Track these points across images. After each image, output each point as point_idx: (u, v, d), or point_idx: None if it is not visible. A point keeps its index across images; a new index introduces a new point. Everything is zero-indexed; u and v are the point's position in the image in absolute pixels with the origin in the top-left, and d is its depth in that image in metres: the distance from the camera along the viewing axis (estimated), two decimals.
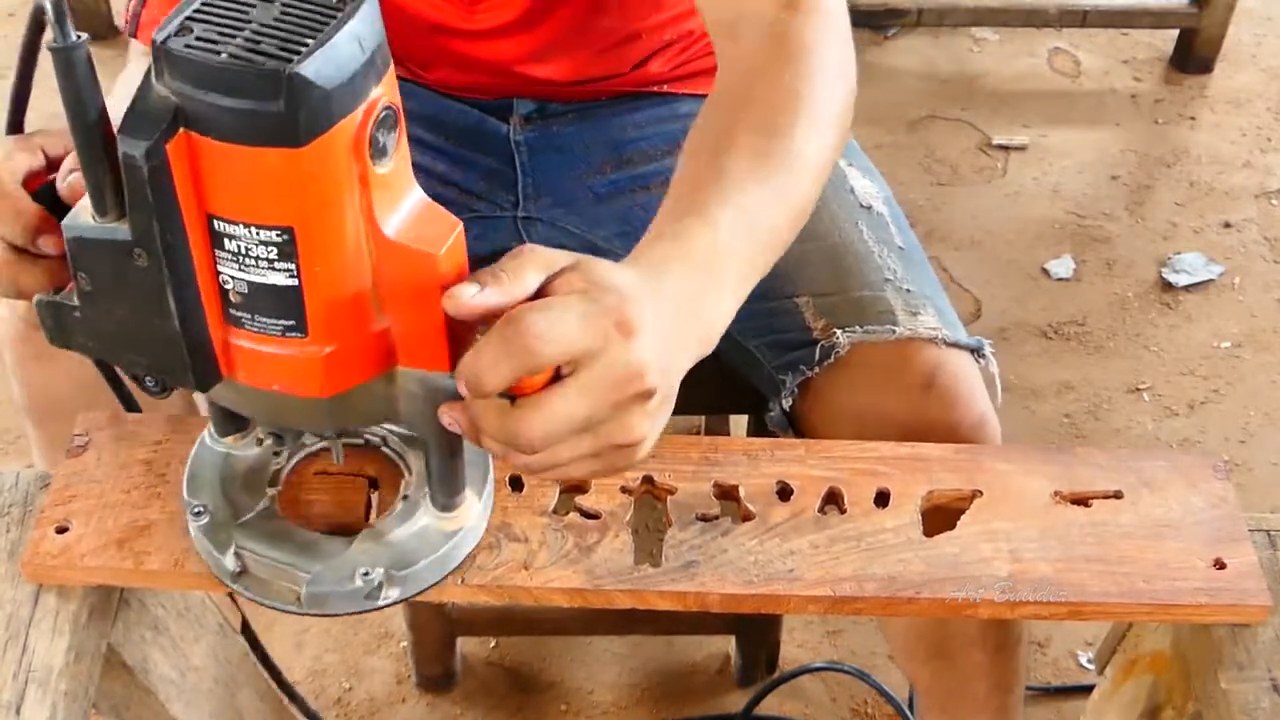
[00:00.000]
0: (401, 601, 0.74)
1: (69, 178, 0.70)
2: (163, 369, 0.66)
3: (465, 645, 1.57)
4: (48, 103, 0.67)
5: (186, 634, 0.93)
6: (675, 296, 0.66)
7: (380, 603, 0.73)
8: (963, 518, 0.81)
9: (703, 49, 1.14)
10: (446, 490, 0.74)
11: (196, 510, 0.75)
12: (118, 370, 0.79)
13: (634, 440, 0.64)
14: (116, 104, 0.60)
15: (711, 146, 0.78)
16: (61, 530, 0.78)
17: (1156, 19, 2.47)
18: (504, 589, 0.77)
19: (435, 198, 1.18)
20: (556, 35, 1.05)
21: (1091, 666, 1.55)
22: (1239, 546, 0.80)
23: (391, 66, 0.60)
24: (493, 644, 1.59)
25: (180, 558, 0.77)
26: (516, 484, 0.81)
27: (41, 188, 0.71)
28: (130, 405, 0.82)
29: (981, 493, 0.82)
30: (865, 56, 0.85)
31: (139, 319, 0.63)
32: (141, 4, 0.97)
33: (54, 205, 0.70)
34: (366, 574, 0.72)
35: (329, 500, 0.79)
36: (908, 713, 1.48)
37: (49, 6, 0.58)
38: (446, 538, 0.75)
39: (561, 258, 0.65)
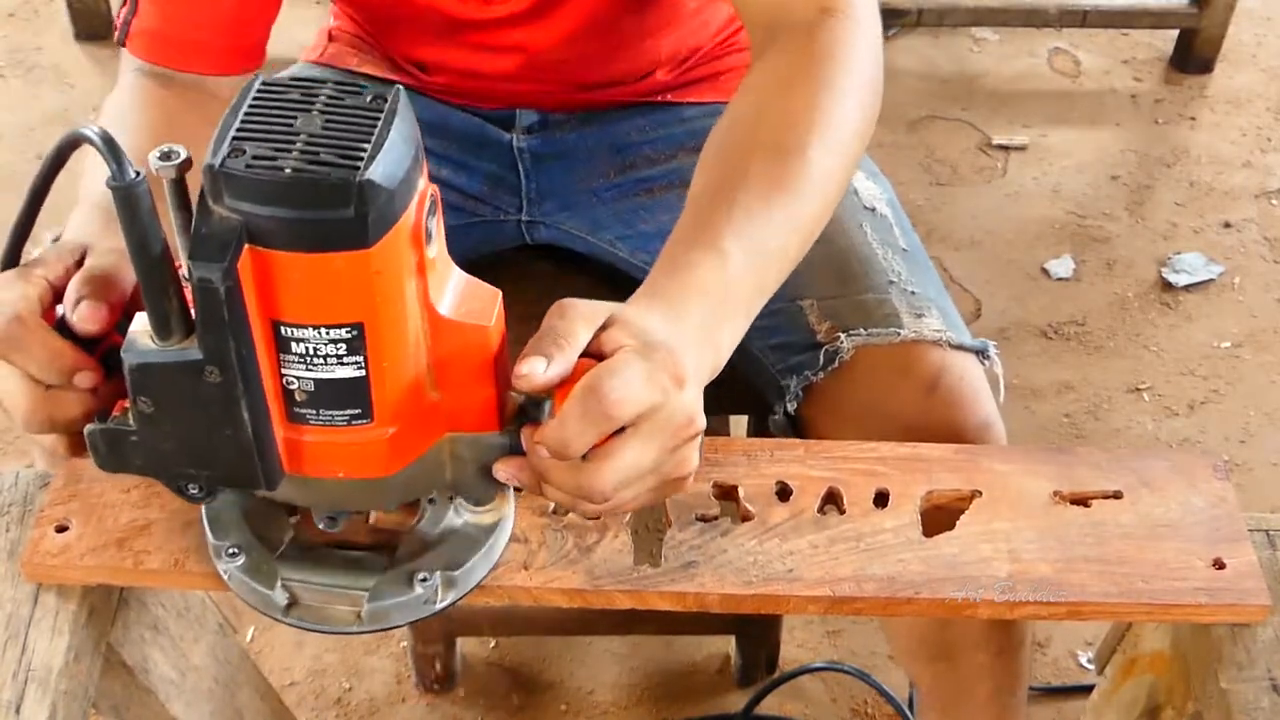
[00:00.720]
0: (459, 600, 0.75)
1: (79, 309, 0.70)
2: (226, 477, 0.67)
3: (465, 645, 1.57)
4: None
5: (186, 634, 0.93)
6: (696, 335, 0.70)
7: (439, 605, 0.74)
8: (962, 518, 0.81)
9: (705, 56, 1.14)
10: (482, 497, 0.76)
11: (231, 552, 0.74)
12: None
13: (687, 472, 0.70)
14: (110, 126, 0.60)
15: (725, 166, 0.80)
16: (61, 529, 0.78)
17: (1156, 19, 2.47)
18: (503, 589, 0.77)
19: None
20: (570, 30, 1.04)
21: (1091, 666, 1.55)
22: (1239, 546, 0.80)
23: (425, 158, 0.62)
24: (493, 644, 1.60)
25: (180, 557, 0.77)
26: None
27: (57, 323, 0.71)
28: None
29: (981, 493, 0.82)
30: None
31: (206, 433, 0.64)
32: (132, 12, 0.97)
33: (71, 337, 0.71)
34: (425, 580, 0.73)
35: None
36: (908, 713, 1.48)
37: (100, 144, 0.59)
38: (488, 531, 0.76)
39: (600, 310, 0.69)
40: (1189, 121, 2.43)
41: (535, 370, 0.65)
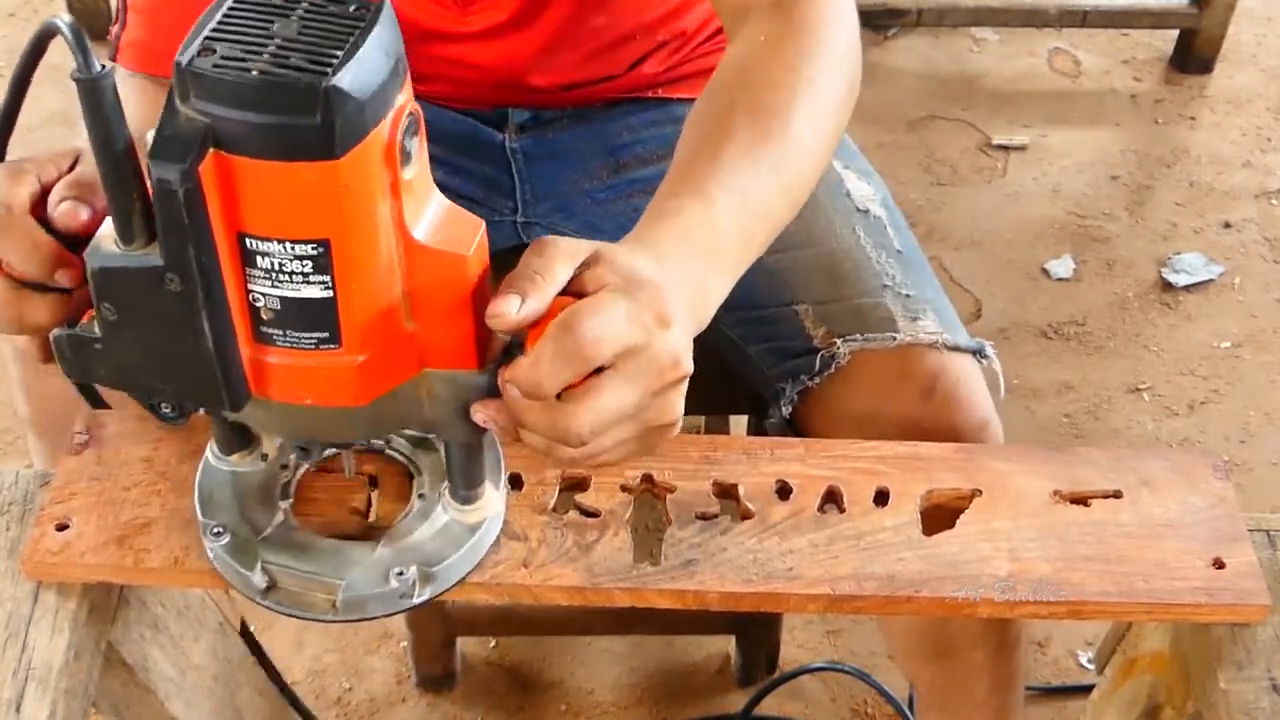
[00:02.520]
0: (436, 598, 0.74)
1: (60, 206, 0.69)
2: (191, 394, 0.66)
3: (465, 645, 1.57)
4: None
5: (186, 632, 0.93)
6: (683, 280, 0.68)
7: (415, 601, 0.74)
8: (962, 517, 0.81)
9: (696, 51, 1.14)
10: (467, 483, 0.75)
11: (216, 530, 0.74)
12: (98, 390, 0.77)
13: (672, 420, 0.67)
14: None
15: (710, 125, 0.79)
16: (61, 528, 0.78)
17: (1156, 19, 2.47)
18: (503, 587, 0.77)
19: None
20: (549, 36, 1.05)
21: (1091, 666, 1.55)
22: (1238, 546, 0.80)
23: (409, 73, 0.60)
24: (493, 644, 1.60)
25: (180, 555, 0.77)
26: (516, 482, 0.81)
27: (43, 219, 0.70)
28: (98, 404, 0.80)
29: (981, 492, 0.82)
30: (865, 56, 0.84)
31: (169, 345, 0.63)
32: (121, 26, 0.97)
33: (57, 237, 0.69)
34: (400, 574, 0.73)
35: (337, 505, 0.79)
36: (908, 713, 1.48)
37: (67, 33, 0.57)
38: (471, 530, 0.76)
39: (583, 247, 0.66)
40: (1189, 121, 2.43)
41: (508, 309, 0.62)
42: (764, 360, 1.03)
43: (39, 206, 0.70)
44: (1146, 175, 2.31)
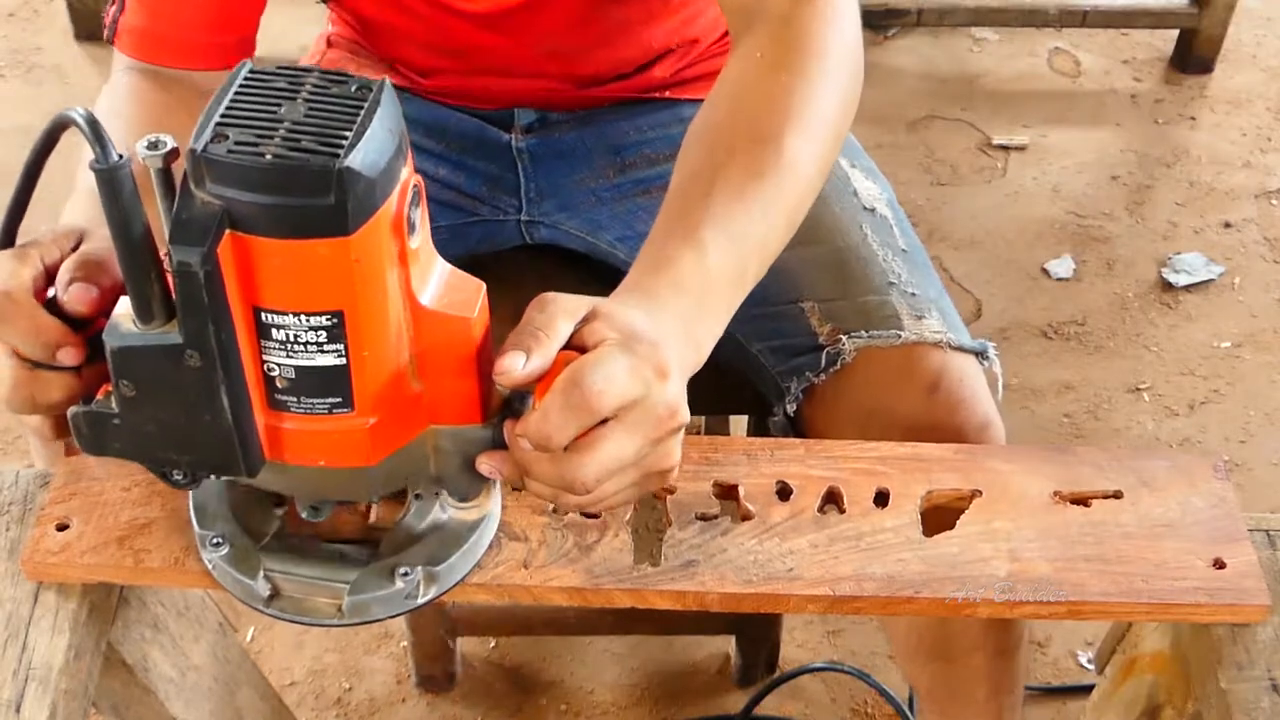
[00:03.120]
0: (440, 596, 0.75)
1: (71, 290, 0.70)
2: (207, 463, 0.67)
3: (465, 645, 1.57)
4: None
5: (186, 633, 0.93)
6: (676, 329, 0.70)
7: (420, 601, 0.74)
8: (962, 517, 0.81)
9: (704, 54, 1.14)
10: (467, 492, 0.76)
11: (215, 541, 0.75)
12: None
13: (670, 466, 0.70)
14: (101, 122, 0.60)
15: (704, 158, 0.80)
16: (62, 528, 0.78)
17: (1156, 19, 2.47)
18: (503, 588, 0.77)
19: (438, 202, 1.19)
20: (560, 25, 1.04)
21: (1091, 666, 1.55)
22: (1238, 546, 0.80)
23: (410, 148, 0.62)
24: (493, 644, 1.60)
25: (180, 555, 0.77)
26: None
27: (47, 303, 0.71)
28: None
29: (981, 492, 0.82)
30: (865, 56, 0.84)
31: (187, 418, 0.64)
32: (120, 10, 0.97)
33: (60, 319, 0.71)
34: (406, 574, 0.73)
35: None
36: (908, 713, 1.48)
37: (84, 126, 0.59)
38: (471, 528, 0.76)
39: (581, 304, 0.69)
40: (1189, 121, 2.43)
41: (514, 365, 0.65)
42: (769, 358, 1.03)
43: (42, 290, 0.72)
44: (1146, 175, 2.31)
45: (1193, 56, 2.50)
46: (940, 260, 2.11)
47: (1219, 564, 0.79)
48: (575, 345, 0.67)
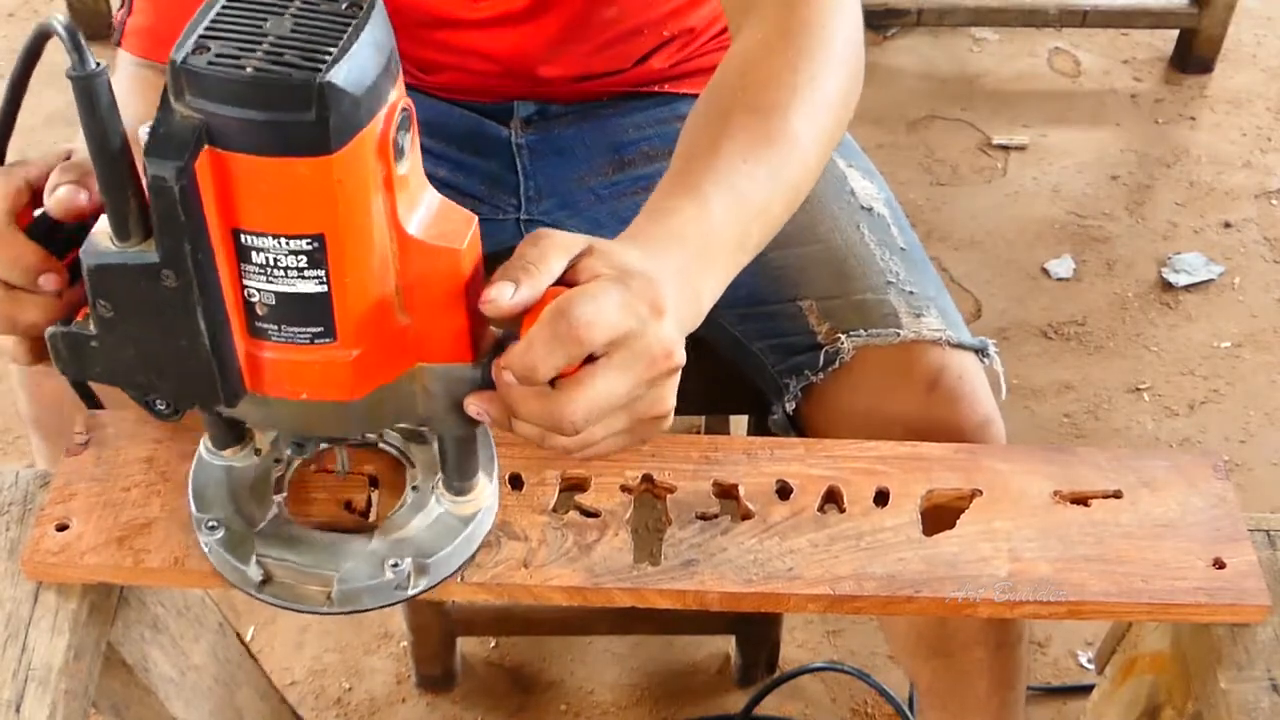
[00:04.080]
0: (431, 589, 0.75)
1: (58, 193, 0.69)
2: (186, 390, 0.66)
3: (465, 645, 1.57)
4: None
5: (186, 632, 0.93)
6: (675, 276, 0.68)
7: (410, 592, 0.74)
8: (962, 517, 0.81)
9: (702, 48, 1.14)
10: (461, 475, 0.75)
11: (211, 525, 0.75)
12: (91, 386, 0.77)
13: (664, 411, 0.67)
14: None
15: (709, 124, 0.80)
16: (62, 528, 0.78)
17: (1156, 19, 2.47)
18: (503, 587, 0.77)
19: None
20: (559, 27, 1.05)
21: (1091, 666, 1.55)
22: (1238, 546, 0.80)
23: (401, 69, 0.61)
24: (493, 644, 1.60)
25: (180, 555, 0.77)
26: (516, 482, 0.81)
27: (32, 223, 0.70)
28: (94, 405, 0.81)
29: (981, 492, 0.82)
30: (866, 56, 0.84)
31: (164, 341, 0.63)
32: (127, 12, 0.97)
33: (46, 239, 0.70)
34: (396, 565, 0.73)
35: (333, 501, 0.79)
36: (908, 713, 1.48)
37: (62, 32, 0.58)
38: (465, 521, 0.76)
39: (577, 241, 0.67)
40: (1189, 121, 2.43)
41: (501, 295, 0.63)
42: (768, 357, 1.03)
43: (26, 211, 0.71)
44: (1146, 175, 2.31)
45: (1193, 56, 2.50)
46: (940, 260, 2.11)
47: (1219, 564, 0.79)
48: (568, 281, 0.65)
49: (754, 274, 0.79)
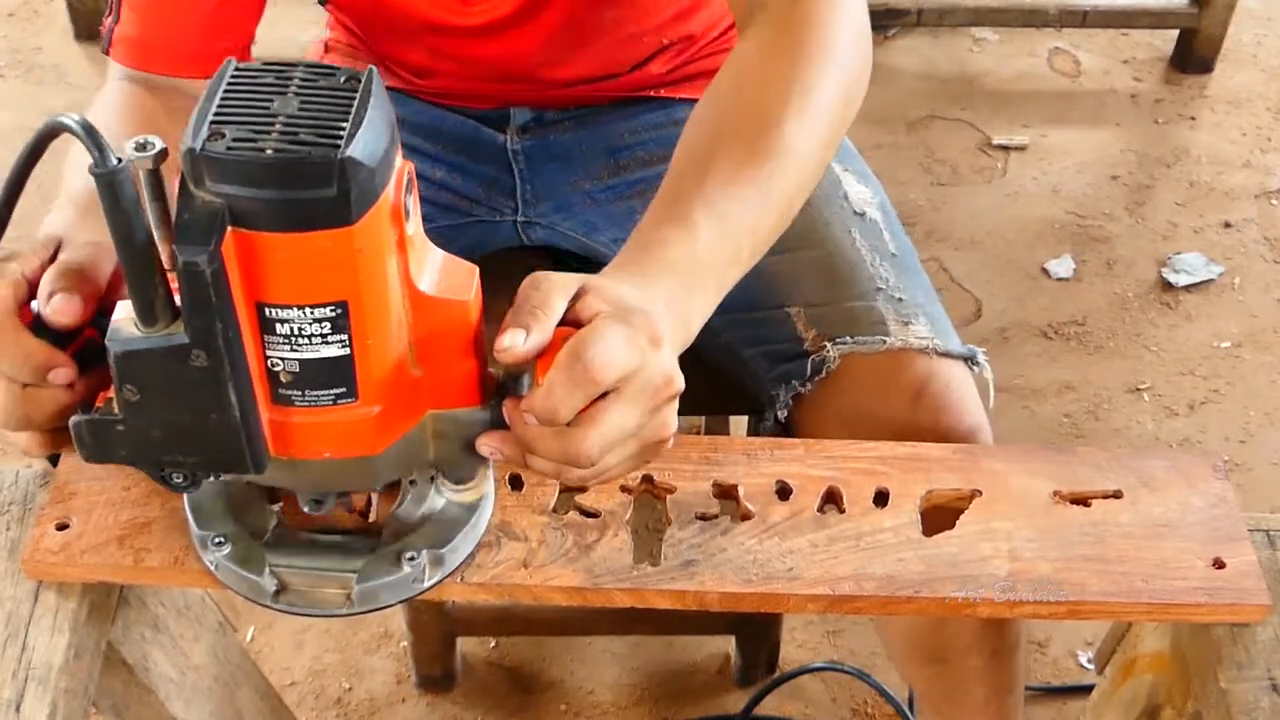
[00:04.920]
0: (446, 578, 0.76)
1: (53, 302, 0.70)
2: (214, 463, 0.67)
3: (465, 645, 1.57)
4: None
5: (186, 632, 0.93)
6: (664, 301, 0.71)
7: (427, 584, 0.75)
8: (962, 517, 0.81)
9: (701, 52, 1.14)
10: (464, 474, 0.76)
11: (218, 541, 0.75)
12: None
13: (668, 435, 0.70)
14: (98, 122, 0.60)
15: (701, 142, 0.81)
16: (62, 527, 0.78)
17: (1156, 19, 2.47)
18: (503, 587, 0.77)
19: (435, 203, 1.19)
20: (554, 31, 1.05)
21: (1091, 666, 1.55)
22: (1238, 546, 0.80)
23: (399, 135, 0.62)
24: (493, 644, 1.60)
25: (180, 555, 0.77)
26: (516, 483, 0.81)
27: (36, 319, 0.71)
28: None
29: (981, 492, 0.82)
30: None
31: (193, 418, 0.64)
32: (115, 19, 0.97)
33: (49, 332, 0.70)
34: (412, 558, 0.74)
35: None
36: (908, 713, 1.48)
37: (81, 132, 0.59)
38: (469, 510, 0.77)
39: (573, 280, 0.69)
40: (1189, 121, 2.43)
41: (515, 343, 0.65)
42: (758, 364, 1.03)
43: (25, 302, 0.71)
44: (1146, 175, 2.31)
45: (1193, 56, 2.50)
46: (940, 260, 2.11)
47: (1219, 564, 0.79)
48: (569, 320, 0.68)
49: (744, 280, 0.79)
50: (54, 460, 0.81)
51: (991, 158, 2.34)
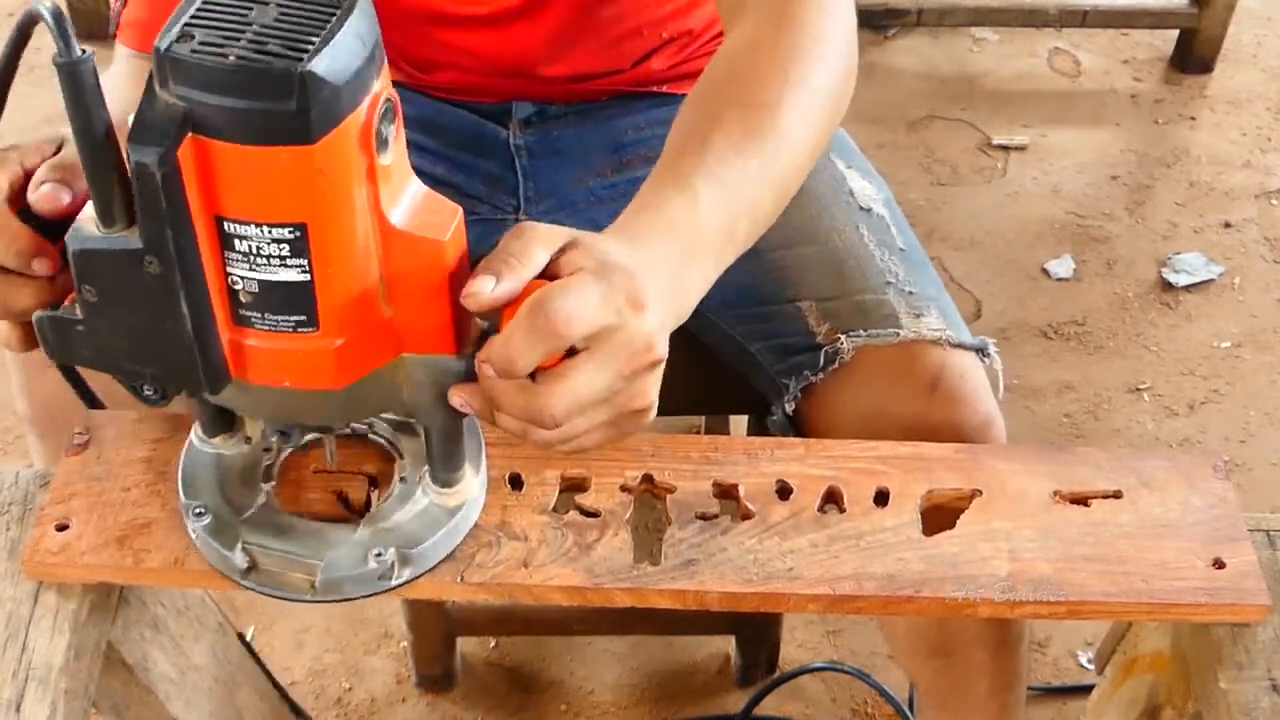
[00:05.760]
0: (415, 580, 0.75)
1: (41, 189, 0.69)
2: (171, 376, 0.66)
3: (465, 645, 1.57)
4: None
5: (186, 632, 0.93)
6: (660, 269, 0.69)
7: (394, 582, 0.74)
8: (962, 517, 0.81)
9: (701, 48, 1.14)
10: (448, 467, 0.75)
11: (198, 511, 0.75)
12: (80, 373, 0.78)
13: (646, 405, 0.67)
14: (109, 91, 0.60)
15: (699, 120, 0.80)
16: (61, 528, 0.78)
17: (1156, 19, 2.47)
18: (503, 587, 0.77)
19: None
20: (557, 25, 1.05)
21: (1091, 666, 1.55)
22: (1238, 546, 0.80)
23: (386, 60, 0.61)
24: (493, 644, 1.60)
25: (180, 555, 0.77)
26: (516, 482, 0.81)
27: (25, 208, 0.71)
28: (94, 404, 0.81)
29: (981, 492, 0.82)
30: (865, 56, 0.84)
31: (149, 326, 0.63)
32: (123, 3, 0.97)
33: (40, 223, 0.70)
34: (379, 555, 0.73)
35: (324, 491, 0.79)
36: (908, 713, 1.48)
37: (49, 18, 0.58)
38: (450, 514, 0.76)
39: (560, 234, 0.67)
40: (1189, 121, 2.43)
41: (483, 288, 0.63)
42: (767, 357, 1.03)
43: (20, 194, 0.71)
44: (1146, 175, 2.31)
45: (1193, 56, 2.50)
46: (940, 260, 2.11)
47: (1219, 564, 0.79)
48: (550, 275, 0.65)
49: (753, 275, 0.79)
50: (87, 399, 0.79)
51: (991, 158, 2.34)
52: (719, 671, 1.57)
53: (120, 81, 0.96)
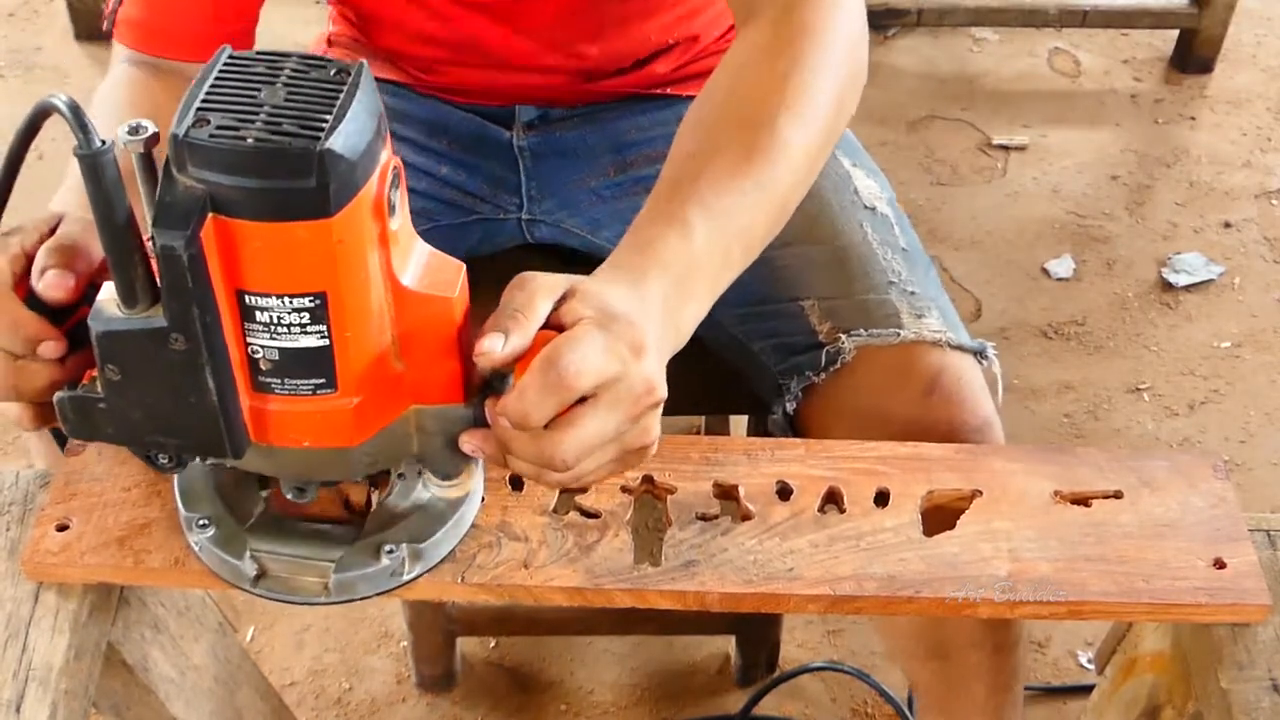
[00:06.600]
0: (425, 573, 0.76)
1: (45, 278, 0.71)
2: (194, 446, 0.68)
3: (465, 645, 1.57)
4: None
5: (186, 633, 0.93)
6: (657, 310, 0.71)
7: (405, 578, 0.75)
8: (962, 517, 0.81)
9: (705, 51, 1.14)
10: (450, 471, 0.76)
11: (201, 523, 0.75)
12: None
13: (649, 442, 0.70)
14: (99, 118, 0.60)
15: (697, 141, 0.80)
16: (62, 528, 0.78)
17: (1156, 19, 2.47)
18: (504, 588, 0.77)
19: (439, 200, 1.18)
20: (563, 12, 1.04)
21: (1091, 666, 1.55)
22: (1239, 546, 0.80)
23: (389, 131, 0.63)
24: (493, 644, 1.60)
25: (180, 556, 0.77)
26: (516, 483, 0.81)
27: (31, 293, 0.72)
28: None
29: (981, 492, 0.82)
30: (867, 56, 0.85)
31: (172, 401, 0.65)
32: (119, 1, 0.97)
33: (44, 306, 0.71)
34: (391, 551, 0.74)
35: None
36: (908, 713, 1.48)
37: (66, 111, 0.60)
38: (454, 505, 0.77)
39: (560, 282, 0.69)
40: (1189, 121, 2.43)
41: (494, 347, 0.65)
42: (768, 356, 1.03)
43: (23, 279, 0.72)
44: (1146, 175, 2.31)
45: (1193, 56, 2.50)
46: (940, 260, 2.11)
47: (1219, 564, 0.79)
48: (553, 324, 0.68)
49: (755, 273, 0.79)
50: (60, 440, 0.81)
51: (991, 158, 2.34)
52: (719, 671, 1.57)
53: (122, 90, 0.96)
